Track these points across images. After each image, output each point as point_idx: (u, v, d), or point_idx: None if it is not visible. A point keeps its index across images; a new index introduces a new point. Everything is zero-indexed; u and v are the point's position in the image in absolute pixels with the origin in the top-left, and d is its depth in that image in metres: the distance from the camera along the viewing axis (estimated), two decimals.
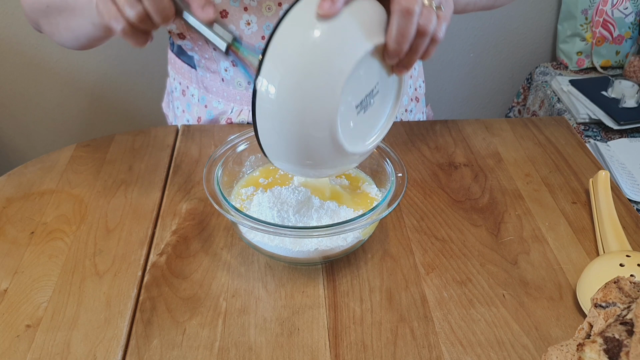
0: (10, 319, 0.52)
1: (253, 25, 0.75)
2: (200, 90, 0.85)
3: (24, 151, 1.67)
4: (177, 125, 0.81)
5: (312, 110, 0.45)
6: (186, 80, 0.87)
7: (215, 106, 0.84)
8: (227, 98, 0.83)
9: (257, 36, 0.76)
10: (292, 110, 0.45)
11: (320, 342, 0.50)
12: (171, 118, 0.97)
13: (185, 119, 0.90)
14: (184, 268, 0.58)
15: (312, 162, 0.49)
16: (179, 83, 0.89)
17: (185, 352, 0.49)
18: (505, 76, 1.71)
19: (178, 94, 0.90)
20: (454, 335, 0.51)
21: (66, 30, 0.67)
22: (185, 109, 0.90)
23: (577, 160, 0.76)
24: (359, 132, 0.51)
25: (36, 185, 0.69)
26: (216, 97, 0.84)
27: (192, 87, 0.86)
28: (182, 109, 0.90)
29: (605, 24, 1.43)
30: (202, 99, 0.85)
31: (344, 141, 0.47)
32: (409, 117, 0.94)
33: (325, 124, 0.45)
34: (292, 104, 0.45)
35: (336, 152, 0.48)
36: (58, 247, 0.60)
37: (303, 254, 0.55)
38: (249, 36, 0.76)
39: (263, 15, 0.74)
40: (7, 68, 1.50)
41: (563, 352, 0.41)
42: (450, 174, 0.72)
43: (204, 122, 0.87)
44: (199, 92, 0.85)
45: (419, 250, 0.60)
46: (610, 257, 0.56)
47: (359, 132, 0.51)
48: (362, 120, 0.50)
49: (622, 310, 0.43)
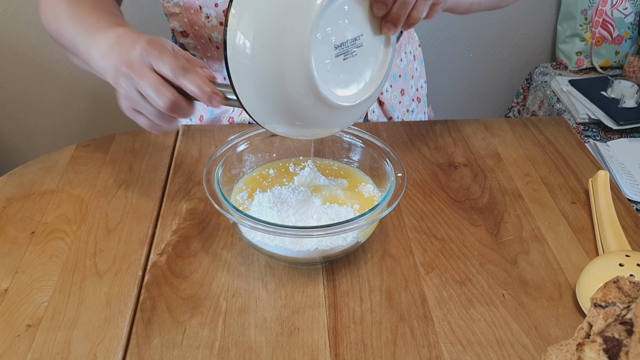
0: (10, 318, 0.52)
1: None
2: None
3: (24, 151, 1.67)
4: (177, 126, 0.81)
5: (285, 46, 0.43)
6: None
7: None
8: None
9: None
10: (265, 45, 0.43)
11: (320, 342, 0.51)
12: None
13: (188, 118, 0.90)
14: (184, 268, 0.58)
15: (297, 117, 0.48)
16: None
17: (185, 352, 0.49)
18: (504, 76, 1.71)
19: None
20: (453, 334, 0.51)
21: (79, 65, 0.69)
22: None
23: (576, 160, 0.76)
24: (338, 79, 0.49)
25: (37, 185, 0.69)
26: None
27: None
28: None
29: (604, 24, 1.43)
30: None
31: (319, 80, 0.46)
32: (410, 117, 0.94)
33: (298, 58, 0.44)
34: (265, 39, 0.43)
35: (315, 96, 0.47)
36: (58, 246, 0.60)
37: (303, 253, 0.55)
38: None
39: None
40: (7, 68, 1.50)
41: (562, 351, 0.42)
42: (450, 174, 0.73)
43: (206, 121, 0.87)
44: None
45: (419, 250, 0.60)
46: (610, 257, 0.56)
47: (338, 79, 0.49)
48: (342, 67, 0.48)
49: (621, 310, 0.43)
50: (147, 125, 0.57)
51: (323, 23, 0.44)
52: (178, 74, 0.52)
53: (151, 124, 0.56)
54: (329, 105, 0.48)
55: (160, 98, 0.52)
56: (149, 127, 0.57)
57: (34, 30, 1.44)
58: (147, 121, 0.56)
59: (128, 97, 0.54)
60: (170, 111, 0.53)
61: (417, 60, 0.96)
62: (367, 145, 0.64)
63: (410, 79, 0.92)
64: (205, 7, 0.75)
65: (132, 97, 0.54)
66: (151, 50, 0.52)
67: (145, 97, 0.53)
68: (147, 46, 0.53)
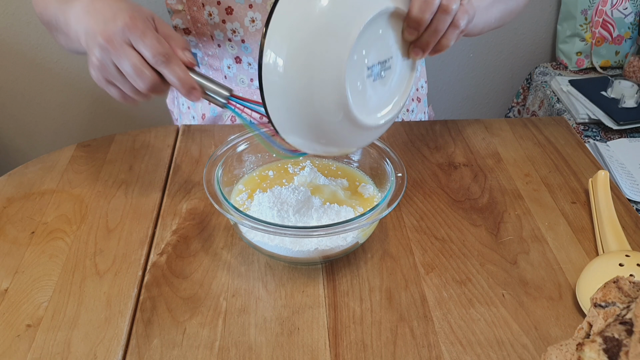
0: (10, 318, 0.52)
1: (257, 23, 0.75)
2: None
3: (24, 151, 1.67)
4: (177, 125, 0.81)
5: (320, 67, 0.44)
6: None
7: None
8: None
9: (261, 34, 0.76)
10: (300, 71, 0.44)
11: (320, 342, 0.51)
12: (176, 114, 0.98)
13: (191, 116, 0.91)
14: (184, 268, 0.58)
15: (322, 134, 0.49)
16: None
17: (185, 352, 0.49)
18: (504, 76, 1.71)
19: None
20: (453, 334, 0.51)
21: (67, 46, 0.68)
22: (190, 106, 0.90)
23: (576, 160, 0.76)
24: (367, 99, 0.50)
25: (37, 185, 0.69)
26: None
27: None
28: (187, 105, 0.91)
29: (604, 24, 1.43)
30: None
31: (351, 101, 0.46)
32: (410, 117, 0.94)
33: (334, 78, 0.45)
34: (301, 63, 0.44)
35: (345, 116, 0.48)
36: (58, 246, 0.60)
37: (303, 253, 0.55)
38: (253, 33, 0.76)
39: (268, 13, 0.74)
40: (7, 68, 1.50)
41: (562, 351, 0.42)
42: (449, 174, 0.73)
43: (208, 119, 0.87)
44: None
45: (419, 250, 0.60)
46: (610, 257, 0.56)
47: (367, 99, 0.50)
48: (371, 88, 0.49)
49: (621, 309, 0.43)
50: (118, 96, 0.56)
51: (360, 45, 0.45)
52: (159, 61, 0.52)
53: (123, 96, 0.56)
54: (357, 124, 0.49)
55: (141, 79, 0.52)
56: (121, 99, 0.56)
57: (34, 30, 1.44)
58: (120, 93, 0.55)
59: (102, 69, 0.54)
60: (149, 91, 0.53)
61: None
62: (367, 145, 0.64)
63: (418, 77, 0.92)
64: (208, 5, 0.75)
65: (107, 70, 0.53)
66: (134, 29, 0.51)
67: (121, 73, 0.53)
68: (130, 22, 0.52)
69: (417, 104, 0.96)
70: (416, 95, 0.95)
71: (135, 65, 0.51)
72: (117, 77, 0.53)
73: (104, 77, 0.55)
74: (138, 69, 0.51)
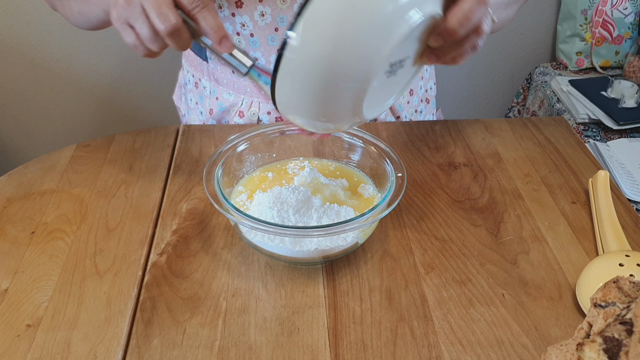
0: (10, 318, 0.52)
1: (267, 17, 0.75)
2: (211, 83, 0.86)
3: (24, 151, 1.67)
4: (177, 125, 0.81)
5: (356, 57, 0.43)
6: (198, 72, 0.87)
7: (226, 98, 0.85)
8: (238, 90, 0.83)
9: (270, 28, 0.76)
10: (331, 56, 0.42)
11: (320, 342, 0.51)
12: (183, 110, 0.98)
13: (199, 111, 0.91)
14: (184, 268, 0.58)
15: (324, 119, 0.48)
16: (192, 75, 0.90)
17: (185, 352, 0.49)
18: (505, 76, 1.71)
19: (191, 87, 0.91)
20: (453, 334, 0.51)
21: (79, 14, 0.66)
22: (198, 101, 0.90)
23: (576, 160, 0.76)
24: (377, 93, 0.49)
25: (37, 185, 0.69)
26: (227, 89, 0.84)
27: (204, 79, 0.87)
28: (195, 101, 0.91)
29: (604, 24, 1.43)
30: (213, 91, 0.86)
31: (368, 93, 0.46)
32: (418, 118, 0.94)
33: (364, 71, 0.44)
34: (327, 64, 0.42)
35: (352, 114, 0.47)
36: (58, 246, 0.60)
37: (303, 253, 0.55)
38: (262, 28, 0.76)
39: (277, 7, 0.74)
40: (7, 68, 1.50)
41: (562, 351, 0.42)
42: (449, 174, 0.73)
43: (216, 114, 0.87)
44: (210, 84, 0.86)
45: (419, 250, 0.60)
46: (610, 257, 0.56)
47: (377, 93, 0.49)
48: (384, 83, 0.48)
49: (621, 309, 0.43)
50: (132, 42, 0.54)
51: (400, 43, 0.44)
52: (196, 5, 0.50)
53: (137, 43, 0.54)
54: (359, 115, 0.48)
55: (163, 19, 0.50)
56: (134, 45, 0.54)
57: (34, 30, 1.44)
58: (135, 39, 0.53)
59: (126, 7, 0.51)
60: (168, 36, 0.51)
61: None
62: (367, 145, 0.64)
63: (420, 79, 0.92)
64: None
65: (132, 7, 0.51)
66: None
67: (145, 13, 0.51)
68: None
69: (425, 105, 0.96)
70: (425, 96, 0.95)
71: (163, 6, 0.50)
72: (139, 18, 0.51)
73: (125, 17, 0.52)
74: (163, 8, 0.50)
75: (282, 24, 0.76)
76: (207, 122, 0.90)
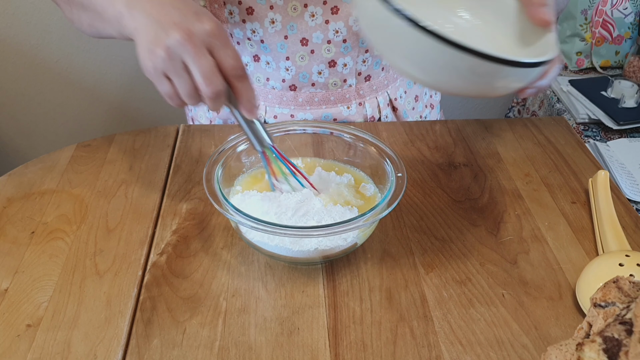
0: (10, 318, 0.52)
1: (277, 24, 0.75)
2: None
3: (24, 151, 1.67)
4: (177, 125, 0.81)
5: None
6: None
7: None
8: None
9: (280, 35, 0.76)
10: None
11: (320, 342, 0.51)
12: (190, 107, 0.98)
13: (206, 108, 0.91)
14: (184, 268, 0.58)
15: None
16: None
17: (185, 352, 0.49)
18: None
19: None
20: (453, 334, 0.51)
21: (89, 27, 0.64)
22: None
23: (576, 160, 0.76)
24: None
25: (37, 185, 0.69)
26: None
27: None
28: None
29: (604, 24, 1.43)
30: None
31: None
32: None
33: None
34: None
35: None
36: (58, 246, 0.60)
37: (303, 253, 0.55)
38: (272, 35, 0.76)
39: (288, 15, 0.74)
40: (7, 68, 1.50)
41: (562, 351, 0.42)
42: (449, 173, 0.73)
43: (222, 114, 0.87)
44: None
45: (419, 250, 0.60)
46: (610, 257, 0.56)
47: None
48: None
49: (621, 309, 0.43)
50: (168, 93, 0.54)
51: None
52: (240, 74, 0.52)
53: (174, 95, 0.54)
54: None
55: (209, 82, 0.50)
56: (169, 96, 0.54)
57: (34, 30, 1.44)
58: (172, 91, 0.53)
59: (167, 62, 0.51)
60: (210, 99, 0.52)
61: None
62: (367, 145, 0.64)
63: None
64: (229, 4, 0.75)
65: (173, 64, 0.51)
66: (219, 36, 0.51)
67: (187, 72, 0.51)
68: (217, 28, 0.51)
69: (430, 110, 0.96)
70: (429, 102, 0.95)
71: (211, 70, 0.50)
72: (181, 75, 0.51)
73: (164, 69, 0.52)
74: (211, 73, 0.50)
75: (292, 32, 0.76)
76: (214, 121, 0.90)
